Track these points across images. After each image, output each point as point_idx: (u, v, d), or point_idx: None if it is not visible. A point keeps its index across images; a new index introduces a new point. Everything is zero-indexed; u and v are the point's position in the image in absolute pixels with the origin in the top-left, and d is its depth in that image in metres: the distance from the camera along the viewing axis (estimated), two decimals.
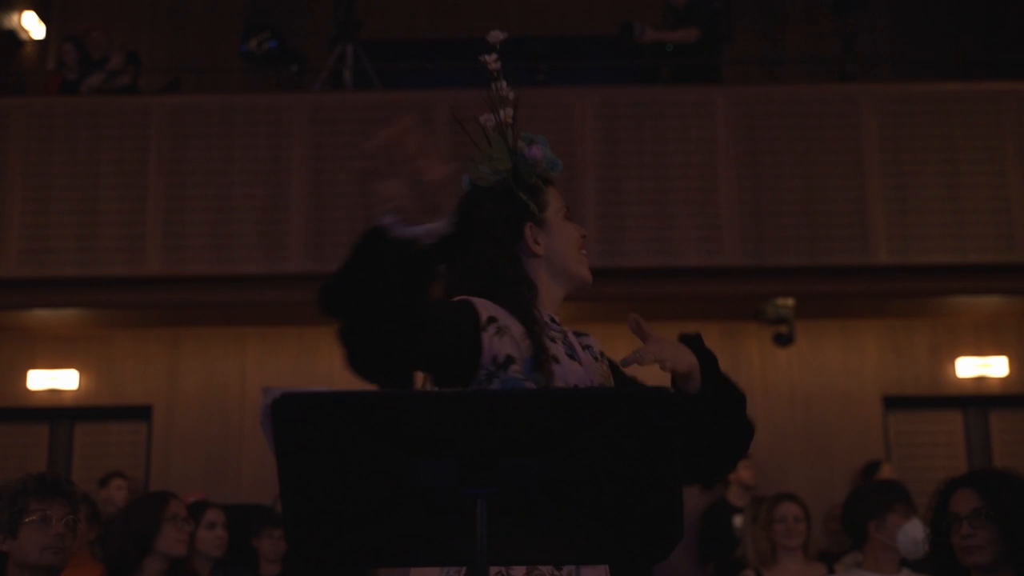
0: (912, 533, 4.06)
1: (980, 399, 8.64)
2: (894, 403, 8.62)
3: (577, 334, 2.45)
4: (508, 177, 2.45)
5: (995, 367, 8.63)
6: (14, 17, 10.04)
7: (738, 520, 7.14)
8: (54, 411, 8.70)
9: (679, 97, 7.88)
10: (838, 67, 8.79)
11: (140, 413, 8.68)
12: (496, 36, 2.46)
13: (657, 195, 7.62)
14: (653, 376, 2.12)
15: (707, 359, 2.35)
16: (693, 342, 2.36)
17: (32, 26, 10.19)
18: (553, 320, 2.41)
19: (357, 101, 7.97)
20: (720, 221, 7.58)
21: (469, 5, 9.82)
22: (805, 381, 8.55)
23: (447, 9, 10.00)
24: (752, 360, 8.57)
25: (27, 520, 3.16)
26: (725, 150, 7.69)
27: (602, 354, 2.47)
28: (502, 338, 2.24)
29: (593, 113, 7.69)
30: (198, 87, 9.18)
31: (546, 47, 8.51)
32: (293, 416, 1.65)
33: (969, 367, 8.63)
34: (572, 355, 2.35)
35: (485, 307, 2.27)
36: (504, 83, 2.48)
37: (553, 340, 2.33)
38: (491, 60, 2.45)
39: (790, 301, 7.96)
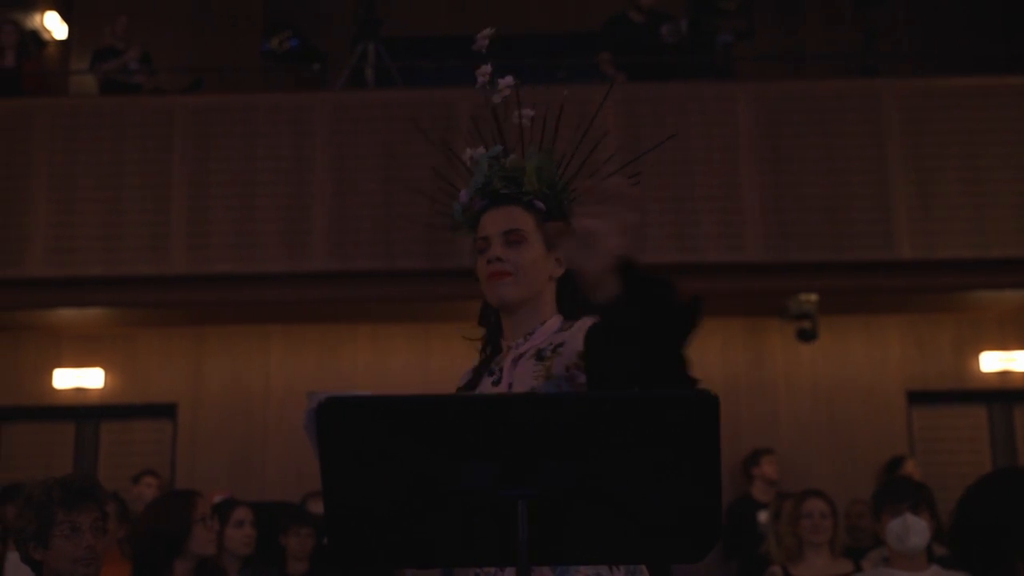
0: (895, 530, 4.06)
1: (1005, 394, 8.61)
2: (918, 398, 8.60)
3: (546, 349, 2.35)
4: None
5: (1020, 361, 8.60)
6: (36, 17, 10.09)
7: (763, 516, 7.14)
8: (80, 410, 8.75)
9: (700, 93, 7.87)
10: (859, 62, 8.77)
11: (165, 411, 8.73)
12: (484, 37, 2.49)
13: (679, 191, 7.62)
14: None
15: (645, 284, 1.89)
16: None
17: (54, 26, 10.24)
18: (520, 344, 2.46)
19: (379, 99, 7.99)
20: (742, 217, 7.58)
21: (490, 2, 9.81)
22: (829, 377, 8.54)
23: (468, 6, 10.00)
24: (775, 356, 8.57)
25: (57, 531, 3.11)
26: (747, 146, 7.68)
27: (557, 347, 2.30)
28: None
29: (614, 110, 7.69)
30: (221, 86, 9.21)
31: (566, 44, 8.49)
32: (338, 419, 1.67)
33: (993, 361, 8.60)
34: (498, 381, 2.41)
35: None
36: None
37: (491, 372, 2.44)
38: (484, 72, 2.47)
39: (813, 297, 7.95)
